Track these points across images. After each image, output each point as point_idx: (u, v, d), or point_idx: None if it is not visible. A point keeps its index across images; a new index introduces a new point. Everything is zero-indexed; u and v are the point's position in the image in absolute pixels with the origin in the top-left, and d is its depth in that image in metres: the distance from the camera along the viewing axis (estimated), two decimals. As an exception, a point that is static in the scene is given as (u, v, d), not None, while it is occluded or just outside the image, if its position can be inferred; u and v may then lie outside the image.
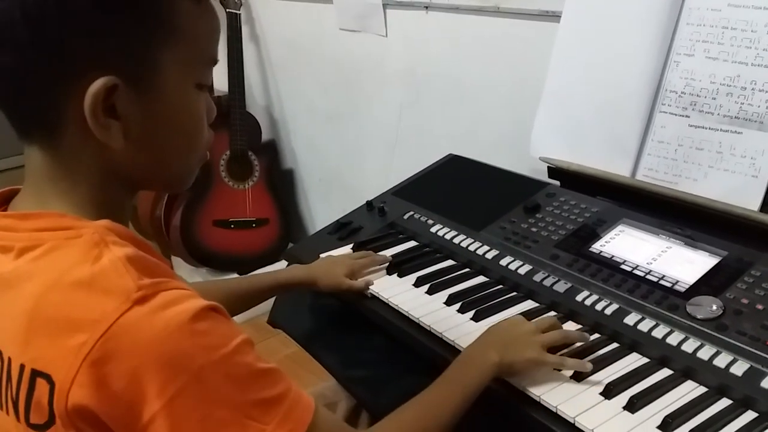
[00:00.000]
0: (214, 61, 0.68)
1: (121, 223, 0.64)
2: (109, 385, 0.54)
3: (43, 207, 0.63)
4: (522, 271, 1.08)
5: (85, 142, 0.61)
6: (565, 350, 0.89)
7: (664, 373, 0.86)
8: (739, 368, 0.82)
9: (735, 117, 1.08)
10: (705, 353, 0.85)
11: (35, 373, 0.57)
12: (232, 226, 2.50)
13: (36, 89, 0.59)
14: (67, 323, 0.55)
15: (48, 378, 0.56)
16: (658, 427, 0.77)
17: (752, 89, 1.06)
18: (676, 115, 1.15)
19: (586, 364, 0.85)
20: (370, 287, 1.10)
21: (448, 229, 1.23)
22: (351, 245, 1.25)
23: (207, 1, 0.65)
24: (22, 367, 0.57)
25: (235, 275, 2.52)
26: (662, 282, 0.98)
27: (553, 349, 0.88)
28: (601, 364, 0.88)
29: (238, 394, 0.57)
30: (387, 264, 1.16)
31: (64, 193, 0.63)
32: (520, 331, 0.88)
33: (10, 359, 0.59)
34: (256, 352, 0.61)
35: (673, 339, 0.88)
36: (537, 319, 0.92)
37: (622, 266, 1.03)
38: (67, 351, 0.54)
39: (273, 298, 1.24)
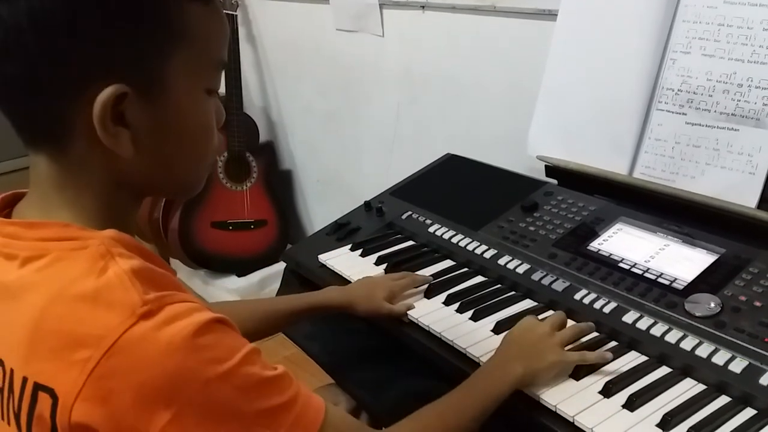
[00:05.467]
0: (224, 65, 0.66)
1: (127, 232, 0.63)
2: (113, 400, 0.53)
3: (48, 215, 0.62)
4: (520, 270, 1.08)
5: (93, 151, 0.60)
6: (574, 344, 0.90)
7: (663, 370, 0.86)
8: (738, 365, 0.82)
9: (732, 114, 1.08)
10: (703, 351, 0.85)
11: (37, 387, 0.56)
12: (231, 227, 2.50)
13: (44, 98, 0.59)
14: (71, 337, 0.55)
15: (51, 392, 0.55)
16: (658, 425, 0.77)
17: (749, 86, 1.06)
18: (673, 112, 1.15)
19: (606, 355, 0.87)
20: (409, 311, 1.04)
21: (446, 229, 1.23)
22: (384, 265, 1.18)
23: (215, 3, 0.64)
24: (24, 380, 0.57)
25: (234, 277, 2.53)
26: (660, 280, 0.98)
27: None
28: (599, 362, 0.88)
29: (246, 405, 0.57)
30: (427, 285, 1.09)
31: (70, 202, 0.62)
32: (537, 335, 0.88)
33: (12, 371, 0.58)
34: (262, 361, 0.60)
35: (672, 337, 0.88)
36: (548, 318, 0.92)
37: (620, 264, 1.03)
38: (71, 366, 0.54)
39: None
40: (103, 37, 0.57)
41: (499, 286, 1.09)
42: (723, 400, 0.80)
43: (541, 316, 0.99)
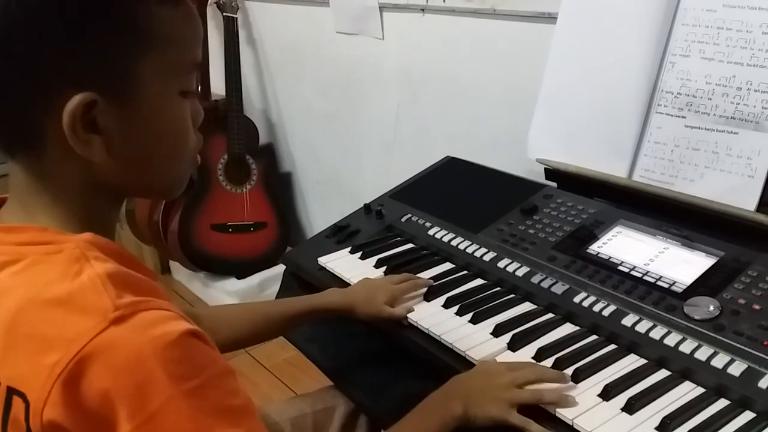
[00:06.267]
0: (197, 66, 0.66)
1: (106, 235, 0.63)
2: (81, 404, 0.53)
3: (29, 220, 0.63)
4: (520, 273, 1.08)
5: (67, 158, 0.60)
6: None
7: (662, 374, 0.86)
8: (737, 369, 0.82)
9: (731, 117, 1.08)
10: (703, 354, 0.85)
11: (11, 391, 0.56)
12: (230, 230, 2.50)
13: (13, 107, 0.59)
14: (42, 341, 0.54)
15: (23, 396, 0.55)
16: (657, 428, 0.77)
17: (748, 89, 1.06)
18: (672, 115, 1.15)
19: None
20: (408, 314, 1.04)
21: (446, 232, 1.23)
22: (383, 268, 1.17)
23: (186, 5, 0.63)
24: None
25: (234, 279, 2.53)
26: (659, 283, 0.98)
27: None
28: (598, 365, 0.88)
29: (203, 428, 0.55)
30: (427, 288, 1.09)
31: (48, 207, 0.63)
32: (491, 384, 0.84)
33: None
34: (232, 384, 0.59)
35: (671, 340, 0.88)
36: (520, 372, 0.85)
37: (620, 267, 1.03)
38: (41, 369, 0.53)
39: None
40: (67, 47, 0.57)
41: (498, 288, 1.09)
42: (722, 403, 0.80)
43: (539, 320, 0.99)
